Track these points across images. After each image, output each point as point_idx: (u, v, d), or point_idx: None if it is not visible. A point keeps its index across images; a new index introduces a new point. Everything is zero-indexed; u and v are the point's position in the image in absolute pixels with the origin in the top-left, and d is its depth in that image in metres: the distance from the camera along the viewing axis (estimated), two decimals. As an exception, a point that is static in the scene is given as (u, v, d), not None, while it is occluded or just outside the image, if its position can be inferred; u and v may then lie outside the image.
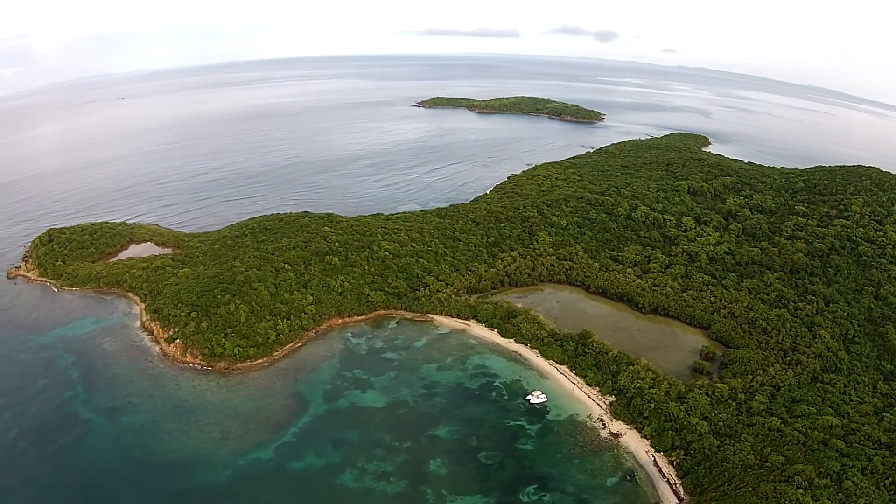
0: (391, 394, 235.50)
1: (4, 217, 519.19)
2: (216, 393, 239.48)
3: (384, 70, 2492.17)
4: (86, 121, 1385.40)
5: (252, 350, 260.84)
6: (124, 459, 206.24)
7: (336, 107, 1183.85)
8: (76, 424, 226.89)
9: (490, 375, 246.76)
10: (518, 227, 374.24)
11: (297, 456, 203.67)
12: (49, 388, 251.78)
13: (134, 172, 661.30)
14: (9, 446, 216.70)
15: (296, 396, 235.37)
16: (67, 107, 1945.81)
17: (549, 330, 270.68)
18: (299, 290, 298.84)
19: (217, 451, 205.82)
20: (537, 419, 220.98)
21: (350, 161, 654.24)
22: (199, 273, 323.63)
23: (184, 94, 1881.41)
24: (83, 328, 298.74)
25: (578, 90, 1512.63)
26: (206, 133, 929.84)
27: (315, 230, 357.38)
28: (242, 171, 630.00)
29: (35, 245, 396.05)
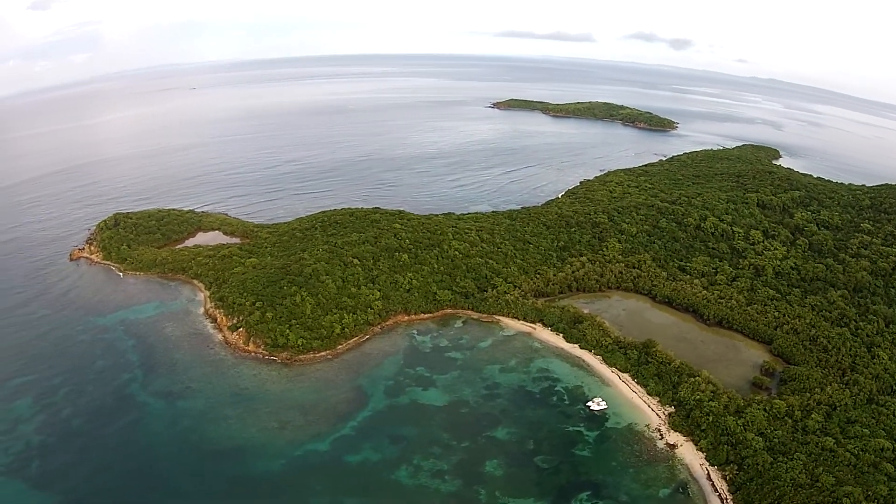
0: (453, 393, 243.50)
1: (70, 200, 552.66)
2: (276, 383, 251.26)
3: (460, 70, 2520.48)
4: (158, 109, 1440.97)
5: (316, 342, 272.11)
6: (179, 444, 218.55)
7: (411, 105, 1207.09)
8: (132, 407, 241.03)
9: (552, 380, 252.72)
10: (588, 232, 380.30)
11: (353, 449, 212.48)
12: (107, 370, 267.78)
13: (205, 161, 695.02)
14: (63, 424, 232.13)
15: (357, 390, 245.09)
16: (139, 94, 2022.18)
17: (613, 337, 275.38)
18: (367, 286, 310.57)
19: (273, 441, 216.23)
20: (596, 426, 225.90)
21: (424, 159, 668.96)
22: (266, 263, 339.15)
23: (258, 86, 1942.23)
24: (145, 312, 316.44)
25: (652, 97, 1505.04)
26: (279, 126, 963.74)
27: (386, 226, 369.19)
28: (315, 165, 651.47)
29: (100, 228, 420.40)
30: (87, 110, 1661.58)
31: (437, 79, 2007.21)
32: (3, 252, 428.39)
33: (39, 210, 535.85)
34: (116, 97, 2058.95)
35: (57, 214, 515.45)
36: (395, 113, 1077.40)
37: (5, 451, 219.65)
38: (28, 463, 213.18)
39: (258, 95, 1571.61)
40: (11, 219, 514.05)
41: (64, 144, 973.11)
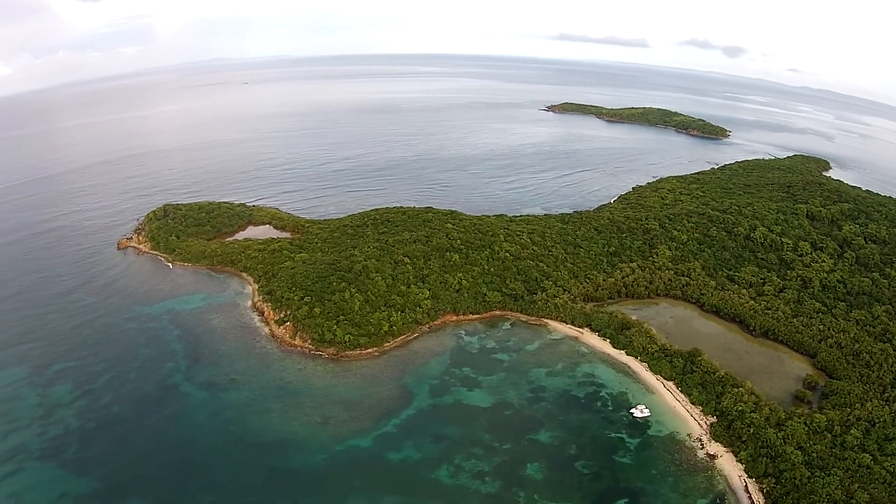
0: (498, 394, 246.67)
1: (119, 190, 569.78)
2: (321, 378, 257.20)
3: (514, 72, 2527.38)
4: (209, 102, 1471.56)
5: (363, 339, 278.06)
6: (221, 435, 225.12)
7: (465, 105, 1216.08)
8: (175, 397, 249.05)
9: (597, 385, 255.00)
10: (639, 238, 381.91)
11: (395, 447, 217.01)
12: (150, 359, 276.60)
13: (257, 156, 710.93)
14: (103, 411, 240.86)
15: (402, 388, 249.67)
16: (190, 88, 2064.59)
17: (660, 345, 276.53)
18: (416, 284, 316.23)
19: (315, 435, 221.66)
20: (638, 433, 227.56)
21: (477, 161, 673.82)
22: (316, 259, 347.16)
23: (309, 82, 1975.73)
24: (192, 303, 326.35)
25: (705, 104, 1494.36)
26: (333, 123, 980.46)
27: (437, 226, 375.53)
28: (368, 162, 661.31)
29: (149, 219, 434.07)
30: (138, 102, 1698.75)
31: (491, 80, 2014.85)
32: (51, 240, 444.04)
33: (88, 199, 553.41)
34: (168, 90, 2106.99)
35: (105, 204, 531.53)
36: (450, 113, 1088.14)
37: (42, 436, 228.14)
38: (65, 448, 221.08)
39: (310, 92, 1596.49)
40: (60, 207, 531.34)
41: (115, 135, 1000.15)
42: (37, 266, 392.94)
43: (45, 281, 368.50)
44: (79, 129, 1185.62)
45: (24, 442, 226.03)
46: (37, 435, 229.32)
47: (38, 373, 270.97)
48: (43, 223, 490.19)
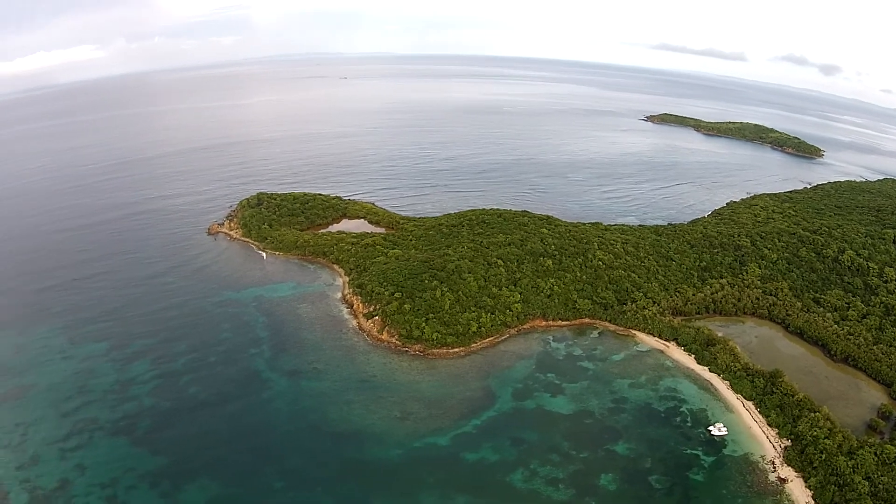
0: (579, 402, 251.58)
1: (213, 177, 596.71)
2: (405, 373, 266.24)
3: (615, 80, 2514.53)
4: (307, 95, 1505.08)
5: (450, 338, 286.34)
6: (298, 423, 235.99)
7: (566, 111, 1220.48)
8: (255, 382, 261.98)
9: (679, 400, 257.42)
10: (730, 255, 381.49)
11: (472, 447, 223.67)
12: (234, 344, 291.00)
13: (355, 151, 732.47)
14: (180, 391, 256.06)
15: (485, 390, 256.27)
16: (289, 80, 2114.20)
17: (742, 363, 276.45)
18: (508, 287, 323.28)
19: (394, 430, 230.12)
20: (713, 451, 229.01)
21: (576, 167, 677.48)
22: (409, 256, 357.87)
23: (410, 80, 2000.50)
24: (280, 291, 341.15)
25: (800, 122, 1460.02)
26: (433, 121, 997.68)
27: (532, 230, 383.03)
28: (468, 164, 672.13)
29: (242, 206, 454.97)
30: (235, 91, 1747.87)
31: (591, 87, 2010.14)
32: (143, 222, 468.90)
33: (181, 183, 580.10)
34: (266, 81, 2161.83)
35: (198, 189, 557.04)
36: (550, 118, 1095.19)
37: (114, 411, 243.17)
38: (136, 425, 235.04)
39: (412, 90, 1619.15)
40: (154, 190, 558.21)
41: (211, 122, 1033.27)
42: (127, 247, 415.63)
43: (134, 261, 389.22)
44: (175, 114, 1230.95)
45: (96, 415, 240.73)
46: (109, 409, 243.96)
47: (117, 349, 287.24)
48: (135, 204, 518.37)
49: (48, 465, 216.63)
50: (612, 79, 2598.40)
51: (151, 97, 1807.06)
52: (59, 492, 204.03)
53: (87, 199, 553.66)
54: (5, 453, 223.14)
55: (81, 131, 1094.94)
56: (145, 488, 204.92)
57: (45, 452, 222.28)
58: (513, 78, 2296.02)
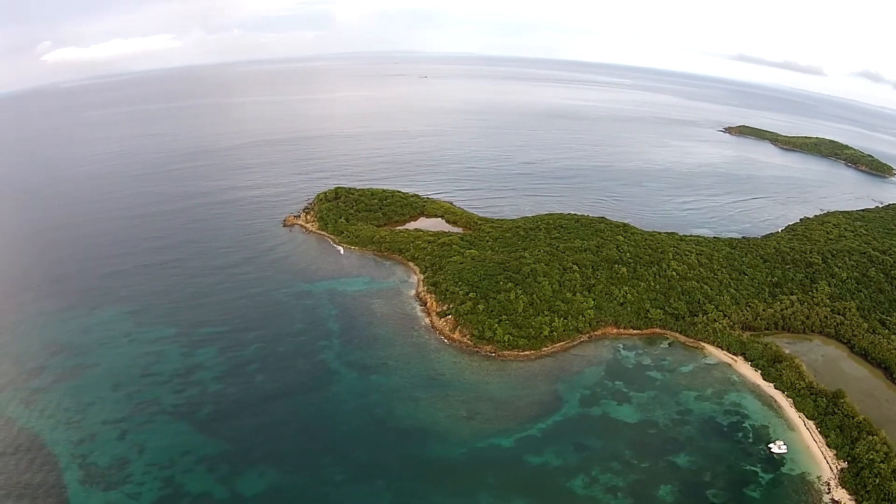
0: (645, 412, 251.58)
1: (291, 170, 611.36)
2: (475, 373, 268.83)
3: (693, 90, 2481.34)
4: (387, 93, 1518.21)
5: (522, 340, 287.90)
6: (363, 416, 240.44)
7: (644, 119, 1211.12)
8: (323, 373, 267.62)
9: (742, 415, 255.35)
10: (801, 271, 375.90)
11: (536, 451, 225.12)
12: (304, 335, 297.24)
13: (435, 150, 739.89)
14: (246, 378, 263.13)
15: (553, 394, 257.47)
16: (369, 76, 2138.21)
17: (807, 382, 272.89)
18: (582, 293, 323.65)
19: (459, 429, 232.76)
20: (772, 469, 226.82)
21: (653, 176, 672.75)
22: (485, 257, 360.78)
23: (489, 82, 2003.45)
24: (354, 285, 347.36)
25: (874, 140, 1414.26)
26: (511, 124, 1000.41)
27: (608, 237, 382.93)
28: (546, 168, 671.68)
29: (319, 199, 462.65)
30: (315, 86, 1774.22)
31: (671, 96, 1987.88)
32: (219, 212, 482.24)
33: (258, 175, 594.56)
34: (347, 77, 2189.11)
35: (274, 181, 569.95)
36: (630, 125, 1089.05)
37: (178, 393, 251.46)
38: (199, 408, 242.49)
39: (490, 91, 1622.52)
40: (230, 180, 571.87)
41: (290, 115, 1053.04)
42: (201, 235, 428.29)
43: (207, 250, 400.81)
44: (254, 106, 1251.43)
45: (159, 398, 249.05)
46: (173, 393, 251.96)
47: (185, 335, 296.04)
48: (211, 194, 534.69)
49: (105, 443, 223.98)
50: (691, 88, 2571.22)
51: (230, 88, 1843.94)
52: (114, 470, 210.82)
53: (162, 186, 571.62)
54: (62, 430, 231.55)
55: (158, 119, 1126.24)
56: (203, 472, 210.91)
57: (103, 431, 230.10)
58: (591, 83, 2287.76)
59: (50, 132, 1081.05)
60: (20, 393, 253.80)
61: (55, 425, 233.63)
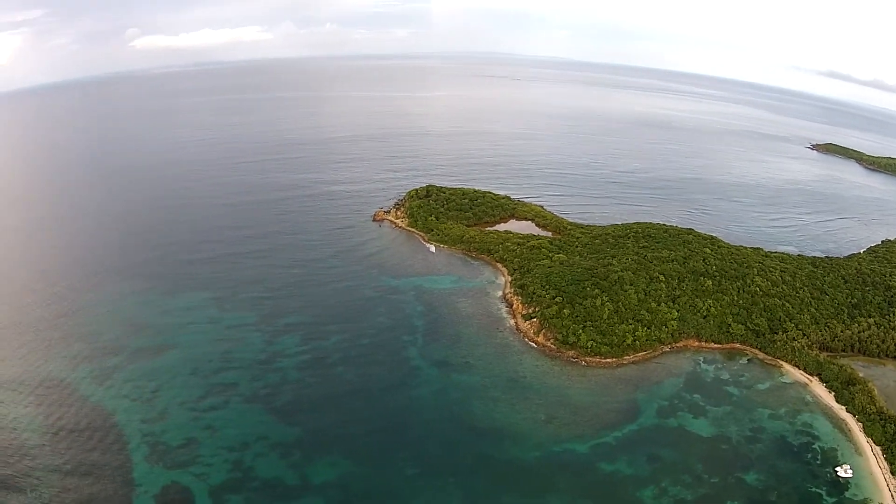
0: (719, 427, 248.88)
1: (383, 167, 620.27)
2: (556, 378, 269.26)
3: (781, 104, 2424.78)
4: (481, 93, 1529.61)
5: (605, 348, 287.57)
6: (441, 413, 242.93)
7: (733, 132, 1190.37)
8: (404, 368, 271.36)
9: (813, 437, 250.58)
10: (880, 294, 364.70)
11: (609, 458, 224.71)
12: (388, 329, 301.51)
13: (527, 153, 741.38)
14: (326, 369, 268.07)
15: (631, 403, 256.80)
16: (462, 76, 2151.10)
17: (877, 407, 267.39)
18: (666, 303, 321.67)
19: (535, 432, 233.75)
20: (836, 493, 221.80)
21: (741, 190, 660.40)
22: (574, 262, 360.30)
23: (581, 87, 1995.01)
24: (441, 284, 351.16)
25: None
26: (602, 131, 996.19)
27: (696, 249, 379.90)
28: (636, 177, 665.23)
29: (410, 196, 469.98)
30: (408, 83, 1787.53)
31: (760, 110, 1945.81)
32: (309, 205, 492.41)
33: (349, 169, 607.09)
34: (440, 76, 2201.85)
35: (365, 176, 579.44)
36: (719, 138, 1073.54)
37: (256, 379, 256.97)
38: (276, 395, 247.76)
39: (583, 97, 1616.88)
40: (322, 174, 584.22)
41: (383, 111, 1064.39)
42: (290, 227, 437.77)
43: (295, 241, 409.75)
44: (346, 101, 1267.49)
45: (237, 381, 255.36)
46: (251, 378, 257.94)
47: (268, 322, 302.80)
48: (300, 187, 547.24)
49: (176, 422, 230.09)
50: (780, 103, 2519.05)
51: (321, 82, 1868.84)
52: (182, 449, 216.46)
53: (252, 176, 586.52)
54: (133, 406, 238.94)
55: (248, 109, 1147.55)
56: (274, 457, 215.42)
57: (176, 410, 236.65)
58: (681, 93, 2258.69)
59: (140, 117, 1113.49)
60: (95, 369, 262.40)
61: (128, 403, 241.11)
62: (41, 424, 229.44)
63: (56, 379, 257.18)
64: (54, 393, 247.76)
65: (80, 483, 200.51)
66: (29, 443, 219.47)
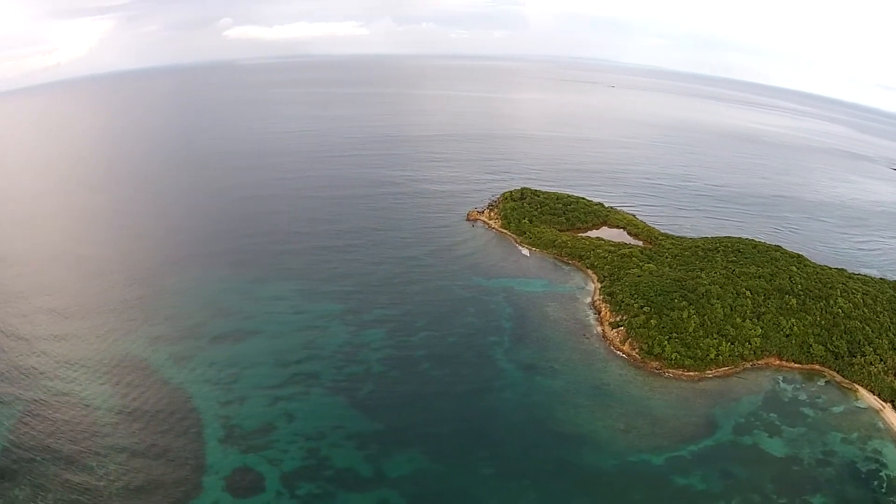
0: (792, 448, 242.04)
1: (477, 167, 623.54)
2: (638, 388, 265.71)
3: (868, 123, 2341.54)
4: (577, 99, 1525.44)
5: (688, 361, 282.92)
6: (523, 415, 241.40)
7: (821, 149, 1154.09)
8: (489, 368, 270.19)
9: (881, 464, 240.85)
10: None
11: (683, 472, 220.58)
12: (475, 329, 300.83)
13: (620, 161, 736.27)
14: (411, 364, 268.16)
15: (709, 418, 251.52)
16: (558, 80, 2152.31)
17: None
18: (751, 320, 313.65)
19: (613, 440, 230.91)
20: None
21: (826, 208, 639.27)
22: (663, 273, 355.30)
23: (675, 97, 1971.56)
24: (531, 287, 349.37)
25: None
26: (696, 142, 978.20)
27: (782, 266, 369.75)
28: (727, 191, 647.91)
29: (504, 198, 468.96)
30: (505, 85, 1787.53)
31: (847, 128, 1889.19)
32: (403, 202, 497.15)
33: (444, 168, 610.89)
34: (536, 79, 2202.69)
35: (459, 176, 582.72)
36: (807, 155, 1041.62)
37: (339, 370, 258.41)
38: (358, 387, 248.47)
39: (675, 107, 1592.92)
40: (416, 171, 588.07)
41: (479, 112, 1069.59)
42: (382, 223, 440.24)
43: (387, 238, 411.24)
44: (443, 100, 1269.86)
45: (318, 371, 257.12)
46: (334, 368, 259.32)
47: (354, 314, 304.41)
48: (394, 183, 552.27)
49: (254, 408, 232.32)
50: (866, 122, 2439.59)
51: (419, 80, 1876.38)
52: (258, 434, 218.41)
53: (345, 170, 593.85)
54: (212, 389, 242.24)
55: (343, 103, 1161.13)
56: (351, 448, 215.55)
57: (254, 396, 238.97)
58: (771, 108, 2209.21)
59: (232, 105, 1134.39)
60: (176, 351, 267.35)
61: (206, 386, 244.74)
62: (116, 404, 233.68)
63: (135, 359, 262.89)
64: (132, 373, 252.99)
65: (149, 463, 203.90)
66: (101, 421, 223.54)
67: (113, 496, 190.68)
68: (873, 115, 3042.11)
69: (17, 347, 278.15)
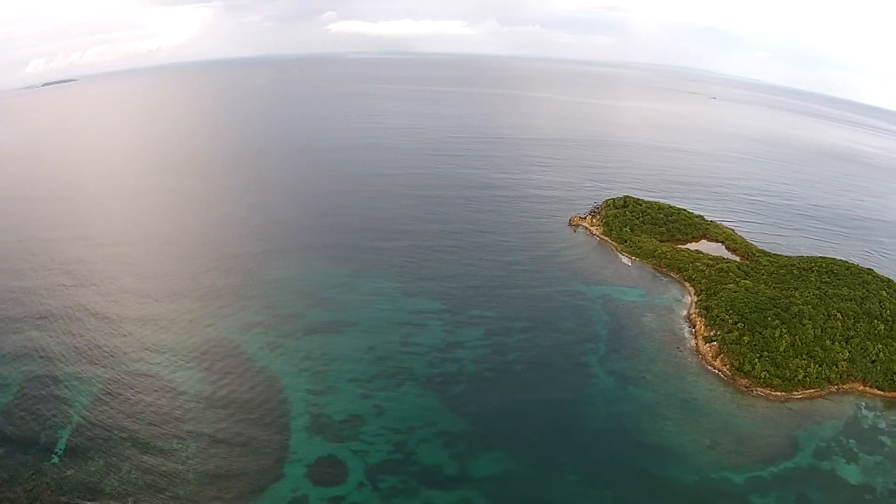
0: (867, 475, 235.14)
1: (579, 174, 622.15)
2: (726, 404, 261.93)
3: None
4: (680, 109, 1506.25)
5: (776, 380, 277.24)
6: (611, 423, 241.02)
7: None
8: (582, 374, 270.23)
9: None
10: None
11: (761, 492, 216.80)
12: (571, 334, 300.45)
13: (723, 174, 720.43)
14: (504, 365, 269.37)
15: (791, 440, 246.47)
16: (661, 89, 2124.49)
17: None
18: (839, 343, 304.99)
19: (697, 454, 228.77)
20: None
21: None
22: (759, 290, 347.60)
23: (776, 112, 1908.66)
24: (629, 296, 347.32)
25: None
26: (796, 159, 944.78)
27: (873, 290, 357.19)
28: (827, 212, 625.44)
29: (607, 205, 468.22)
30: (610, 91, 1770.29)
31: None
32: (505, 206, 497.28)
33: (547, 172, 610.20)
34: (639, 86, 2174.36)
35: (562, 180, 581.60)
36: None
37: (433, 366, 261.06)
38: (450, 384, 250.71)
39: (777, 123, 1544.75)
40: (519, 174, 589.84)
41: (584, 117, 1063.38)
42: (486, 226, 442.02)
43: (488, 241, 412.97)
44: (549, 103, 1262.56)
45: (412, 366, 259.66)
46: (428, 364, 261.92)
47: (452, 313, 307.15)
48: (497, 186, 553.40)
49: (343, 398, 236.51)
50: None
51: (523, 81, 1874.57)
52: (345, 424, 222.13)
53: (447, 169, 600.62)
54: (302, 377, 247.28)
55: (448, 101, 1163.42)
56: (438, 445, 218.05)
57: (345, 387, 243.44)
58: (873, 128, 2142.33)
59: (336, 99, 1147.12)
60: (269, 339, 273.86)
61: (297, 374, 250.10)
62: (203, 389, 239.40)
63: (228, 345, 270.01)
64: (223, 359, 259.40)
65: (232, 450, 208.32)
66: (185, 406, 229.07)
67: (190, 480, 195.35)
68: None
69: (100, 327, 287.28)
